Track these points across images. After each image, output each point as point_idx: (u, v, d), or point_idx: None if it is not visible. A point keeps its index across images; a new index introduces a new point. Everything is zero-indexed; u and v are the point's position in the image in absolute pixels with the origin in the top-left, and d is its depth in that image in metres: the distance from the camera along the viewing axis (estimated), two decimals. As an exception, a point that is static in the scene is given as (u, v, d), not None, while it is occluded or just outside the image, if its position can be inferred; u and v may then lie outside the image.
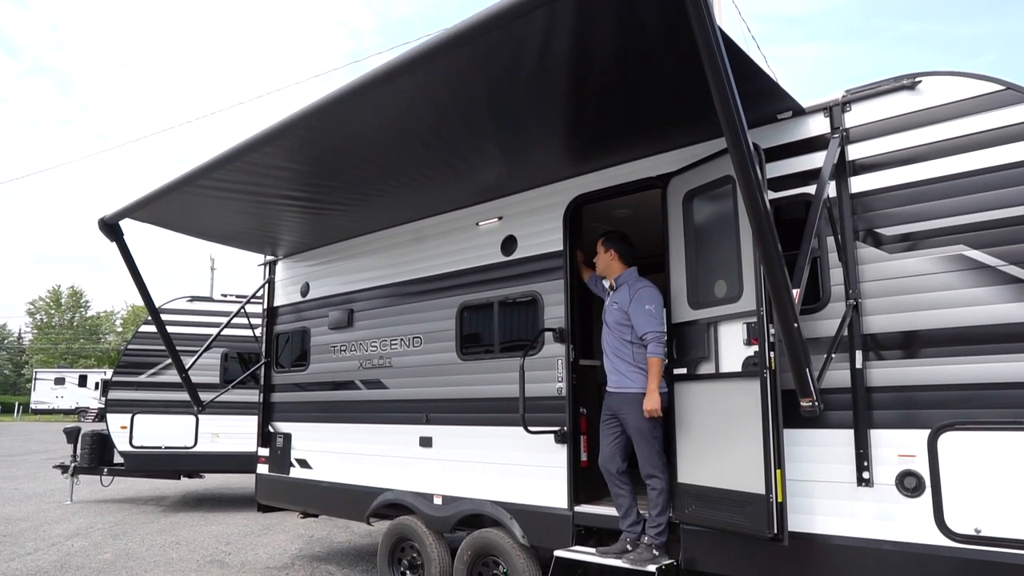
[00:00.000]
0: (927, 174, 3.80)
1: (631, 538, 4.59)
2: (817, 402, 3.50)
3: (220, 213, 6.55)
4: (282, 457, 7.55)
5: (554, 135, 4.84)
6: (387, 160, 5.21)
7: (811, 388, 3.48)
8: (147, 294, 7.04)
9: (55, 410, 46.02)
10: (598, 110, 4.43)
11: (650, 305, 4.69)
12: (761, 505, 3.80)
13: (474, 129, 4.75)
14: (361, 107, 4.29)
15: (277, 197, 6.04)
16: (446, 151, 5.01)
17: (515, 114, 4.48)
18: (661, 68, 3.83)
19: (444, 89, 4.12)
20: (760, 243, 3.31)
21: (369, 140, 4.88)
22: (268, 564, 7.72)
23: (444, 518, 5.81)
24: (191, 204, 6.18)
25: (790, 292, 3.37)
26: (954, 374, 3.60)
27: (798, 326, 3.39)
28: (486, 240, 5.93)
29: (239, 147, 4.93)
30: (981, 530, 3.44)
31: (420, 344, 6.36)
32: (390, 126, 4.66)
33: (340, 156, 5.19)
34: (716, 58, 2.94)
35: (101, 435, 11.95)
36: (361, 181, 5.68)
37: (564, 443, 5.13)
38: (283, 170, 5.36)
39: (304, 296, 7.74)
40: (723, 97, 3.03)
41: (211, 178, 5.44)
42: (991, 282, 3.54)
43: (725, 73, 2.97)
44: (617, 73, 3.93)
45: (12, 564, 7.67)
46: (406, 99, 4.25)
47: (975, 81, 3.74)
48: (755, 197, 3.21)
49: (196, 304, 12.09)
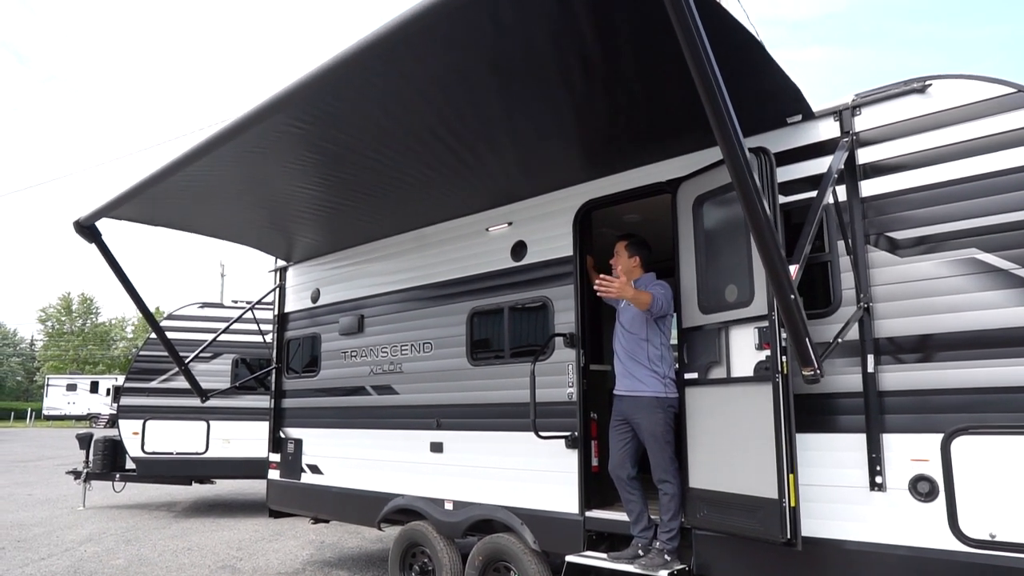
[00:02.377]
0: (938, 177, 3.79)
1: (643, 543, 4.59)
2: (819, 370, 3.47)
3: (216, 207, 6.43)
4: (293, 463, 7.58)
5: (565, 139, 4.84)
6: (393, 156, 5.11)
7: (811, 357, 3.44)
8: (134, 291, 6.88)
9: (67, 416, 46.27)
10: (609, 115, 4.44)
11: (662, 291, 4.75)
12: (774, 509, 3.79)
13: (484, 126, 4.69)
14: (362, 90, 4.15)
15: (277, 191, 5.92)
16: (456, 144, 4.91)
17: (526, 115, 4.47)
18: (672, 71, 3.83)
19: (449, 81, 4.06)
20: (752, 221, 3.22)
21: (371, 134, 4.77)
22: (279, 570, 7.74)
23: (455, 523, 5.82)
24: (189, 199, 6.05)
25: (786, 268, 3.30)
26: (967, 378, 3.59)
27: (795, 298, 3.34)
28: (496, 246, 5.94)
29: (223, 132, 4.67)
30: (996, 535, 3.42)
31: (431, 350, 6.38)
32: (399, 117, 4.53)
33: (343, 150, 5.03)
34: (702, 61, 2.88)
35: (113, 441, 12.03)
36: (364, 179, 5.58)
37: (575, 448, 5.13)
38: (285, 156, 5.16)
39: (315, 302, 7.77)
40: (712, 98, 2.96)
41: (199, 171, 5.22)
42: (1004, 285, 3.53)
43: (713, 75, 2.89)
44: (628, 77, 3.94)
45: (26, 569, 7.71)
46: (413, 90, 4.15)
47: (986, 84, 3.73)
48: (750, 195, 3.15)
49: (206, 310, 12.15)
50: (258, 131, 4.63)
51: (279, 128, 4.60)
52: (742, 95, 4.01)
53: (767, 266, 3.31)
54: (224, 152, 4.93)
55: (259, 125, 4.52)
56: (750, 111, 4.28)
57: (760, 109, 4.30)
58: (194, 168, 5.18)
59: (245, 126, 4.54)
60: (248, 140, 4.77)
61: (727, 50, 3.58)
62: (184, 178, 5.39)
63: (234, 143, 4.77)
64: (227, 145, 4.79)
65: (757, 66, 3.81)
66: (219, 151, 4.89)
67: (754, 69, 3.85)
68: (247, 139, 4.74)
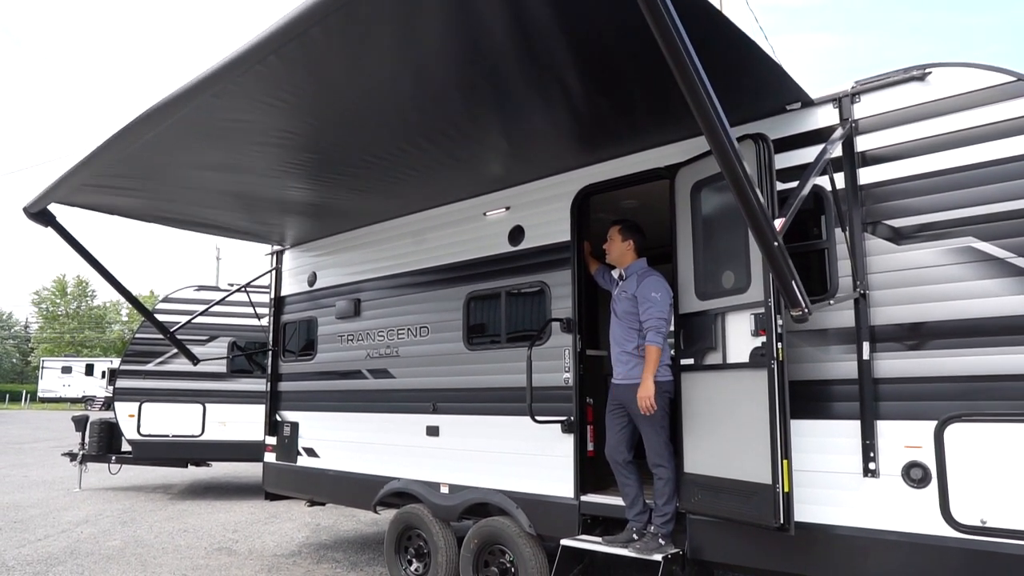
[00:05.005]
0: (936, 166, 3.79)
1: (637, 527, 4.62)
2: (807, 309, 3.44)
3: (188, 194, 6.12)
4: (289, 446, 7.60)
5: (561, 124, 4.81)
6: (389, 142, 4.97)
7: (798, 297, 3.40)
8: (102, 268, 6.77)
9: (62, 399, 46.30)
10: (606, 99, 4.41)
11: (656, 293, 4.69)
12: (768, 495, 3.82)
13: (477, 110, 4.56)
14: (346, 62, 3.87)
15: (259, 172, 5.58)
16: (450, 129, 4.76)
17: (520, 100, 4.39)
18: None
19: (440, 63, 3.95)
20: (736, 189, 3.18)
21: (359, 115, 4.52)
22: (275, 552, 7.78)
23: (451, 507, 5.85)
24: (153, 182, 5.71)
25: (770, 220, 3.28)
26: (962, 366, 3.61)
27: (779, 244, 3.30)
28: (493, 230, 5.94)
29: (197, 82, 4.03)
30: (987, 521, 3.46)
31: (427, 334, 6.38)
32: (385, 91, 4.25)
33: (331, 131, 4.77)
34: (682, 59, 2.84)
35: (109, 423, 12.03)
36: (352, 163, 5.40)
37: (571, 433, 5.15)
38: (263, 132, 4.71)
39: (311, 285, 7.77)
40: (693, 92, 2.93)
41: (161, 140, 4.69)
42: (1000, 274, 3.54)
43: (696, 72, 2.87)
44: (625, 60, 3.91)
45: (23, 550, 7.74)
46: (404, 65, 3.94)
47: (986, 72, 3.73)
48: (736, 175, 3.12)
49: (202, 293, 12.14)
50: (224, 103, 4.18)
51: (262, 100, 4.20)
52: (740, 85, 4.04)
53: (749, 219, 3.26)
54: (179, 124, 4.44)
55: (215, 94, 4.06)
56: (748, 99, 4.29)
57: (758, 97, 4.30)
58: (151, 143, 4.72)
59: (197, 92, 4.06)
60: (209, 110, 4.29)
61: (721, 45, 3.58)
62: (140, 153, 4.92)
63: (190, 112, 4.28)
64: (180, 114, 4.29)
65: (752, 57, 3.79)
66: (172, 121, 4.37)
67: (749, 61, 3.84)
68: (203, 108, 4.25)
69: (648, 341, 4.62)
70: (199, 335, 11.20)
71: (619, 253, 5.04)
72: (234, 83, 3.95)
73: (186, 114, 4.33)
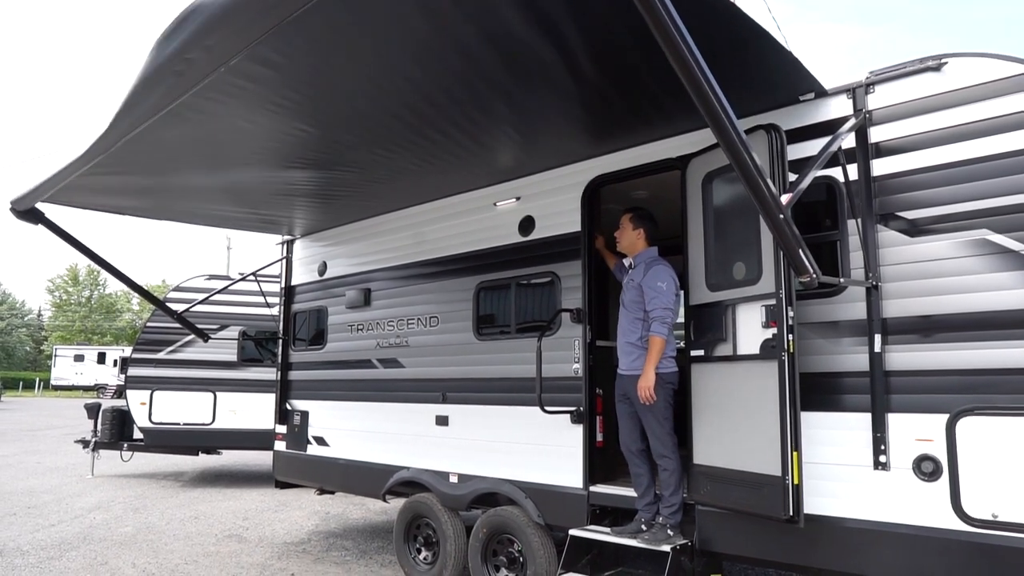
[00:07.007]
0: (951, 157, 3.76)
1: (646, 518, 4.63)
2: (815, 275, 3.39)
3: (188, 189, 6.08)
4: (299, 434, 7.64)
5: (572, 114, 4.78)
6: (399, 133, 4.92)
7: (806, 264, 3.36)
8: (100, 259, 6.94)
9: (74, 387, 46.69)
10: (617, 89, 4.38)
11: (662, 283, 4.68)
12: (777, 487, 3.81)
13: (486, 99, 4.49)
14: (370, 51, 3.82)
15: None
16: (459, 118, 4.71)
17: (528, 90, 4.35)
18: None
19: (451, 54, 3.90)
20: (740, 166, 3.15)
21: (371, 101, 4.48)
22: (285, 539, 7.84)
23: (460, 496, 5.87)
24: (151, 175, 5.63)
25: (775, 195, 3.24)
26: (975, 359, 3.58)
27: (784, 217, 3.26)
28: (504, 220, 5.93)
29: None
30: (998, 515, 3.44)
31: (437, 324, 6.39)
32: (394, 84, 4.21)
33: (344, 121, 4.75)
34: (683, 56, 2.79)
35: (121, 411, 12.13)
36: (360, 155, 5.38)
37: (580, 423, 5.16)
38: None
39: (321, 275, 7.79)
40: (696, 86, 2.90)
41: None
42: (1015, 267, 3.50)
43: (702, 71, 2.84)
44: (637, 51, 3.88)
45: (37, 535, 7.83)
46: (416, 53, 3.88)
47: (1002, 63, 3.68)
48: (743, 162, 3.10)
49: (213, 282, 12.19)
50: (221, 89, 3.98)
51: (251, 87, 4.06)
52: (751, 74, 4.00)
53: (752, 192, 3.20)
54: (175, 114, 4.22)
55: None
56: (759, 89, 4.26)
57: (770, 87, 4.27)
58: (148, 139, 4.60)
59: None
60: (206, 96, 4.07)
61: (730, 34, 3.54)
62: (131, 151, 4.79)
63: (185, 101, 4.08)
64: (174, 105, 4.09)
65: (764, 47, 3.76)
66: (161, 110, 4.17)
67: (760, 50, 3.80)
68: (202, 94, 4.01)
69: (652, 331, 4.61)
70: (210, 323, 11.26)
71: (629, 241, 5.03)
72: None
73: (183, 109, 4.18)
